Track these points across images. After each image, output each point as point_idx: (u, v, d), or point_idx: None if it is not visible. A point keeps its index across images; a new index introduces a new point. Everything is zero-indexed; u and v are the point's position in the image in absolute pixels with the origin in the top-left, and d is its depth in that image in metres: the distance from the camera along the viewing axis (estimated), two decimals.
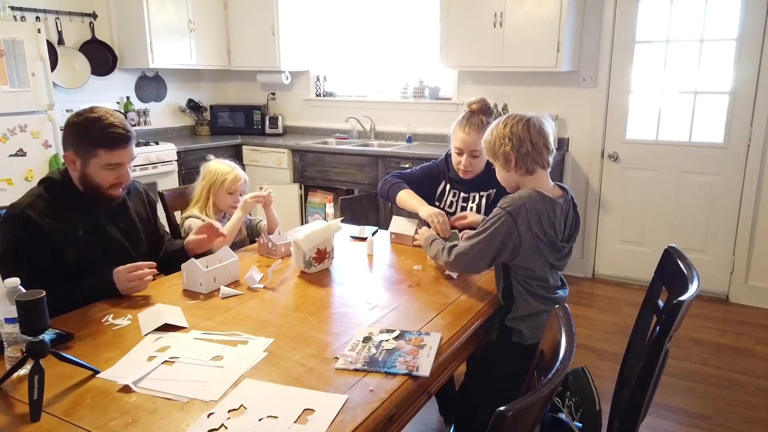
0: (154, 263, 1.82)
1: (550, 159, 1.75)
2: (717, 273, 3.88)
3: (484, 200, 2.32)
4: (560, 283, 1.86)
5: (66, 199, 1.81)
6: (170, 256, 2.10)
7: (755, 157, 3.64)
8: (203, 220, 2.31)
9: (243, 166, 4.37)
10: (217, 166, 2.47)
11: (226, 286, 1.86)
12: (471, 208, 2.34)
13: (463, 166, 2.27)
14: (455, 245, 1.80)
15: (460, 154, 2.28)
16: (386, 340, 1.48)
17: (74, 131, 1.78)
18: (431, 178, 2.45)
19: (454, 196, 2.40)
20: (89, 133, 1.76)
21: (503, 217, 1.67)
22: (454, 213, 2.39)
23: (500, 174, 1.81)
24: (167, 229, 2.38)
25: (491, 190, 2.31)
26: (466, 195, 2.36)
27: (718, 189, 3.80)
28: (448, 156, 2.43)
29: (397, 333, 1.52)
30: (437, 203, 2.43)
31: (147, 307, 1.69)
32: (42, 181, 1.84)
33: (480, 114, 2.22)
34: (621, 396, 1.73)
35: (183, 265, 1.86)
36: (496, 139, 1.74)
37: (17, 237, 1.73)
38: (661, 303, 1.68)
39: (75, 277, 1.79)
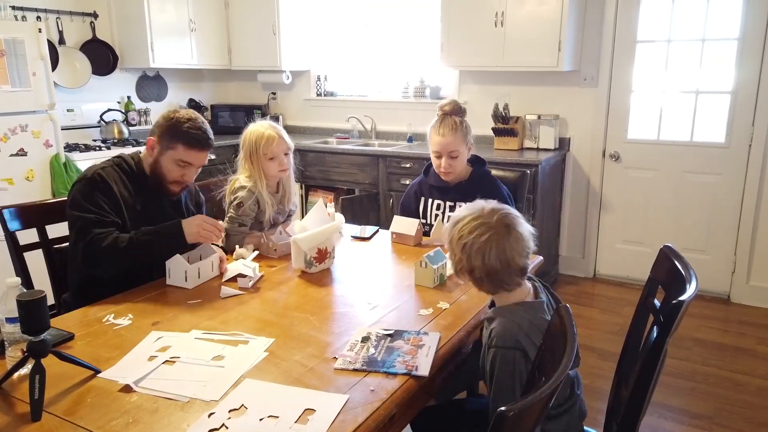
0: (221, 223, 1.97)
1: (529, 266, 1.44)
2: (718, 273, 3.88)
3: None
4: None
5: (131, 177, 1.96)
6: None
7: (757, 157, 3.64)
8: (252, 193, 2.25)
9: None
10: (251, 130, 2.27)
11: (224, 285, 1.86)
12: None
13: (444, 168, 2.34)
14: None
15: (438, 157, 2.35)
16: (384, 340, 1.48)
17: (166, 122, 1.94)
18: (409, 207, 2.51)
19: (438, 209, 2.43)
20: (177, 127, 1.92)
21: (508, 354, 1.35)
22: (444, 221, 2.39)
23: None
24: None
25: (476, 197, 2.28)
26: (452, 204, 2.38)
27: (720, 189, 3.80)
28: (428, 167, 2.48)
29: (393, 332, 1.52)
30: (423, 220, 2.47)
31: (144, 305, 1.71)
32: (114, 158, 1.98)
33: (452, 115, 2.32)
34: (618, 396, 1.72)
35: (168, 261, 1.88)
36: (470, 254, 1.37)
37: (88, 189, 1.85)
38: (657, 302, 1.67)
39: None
